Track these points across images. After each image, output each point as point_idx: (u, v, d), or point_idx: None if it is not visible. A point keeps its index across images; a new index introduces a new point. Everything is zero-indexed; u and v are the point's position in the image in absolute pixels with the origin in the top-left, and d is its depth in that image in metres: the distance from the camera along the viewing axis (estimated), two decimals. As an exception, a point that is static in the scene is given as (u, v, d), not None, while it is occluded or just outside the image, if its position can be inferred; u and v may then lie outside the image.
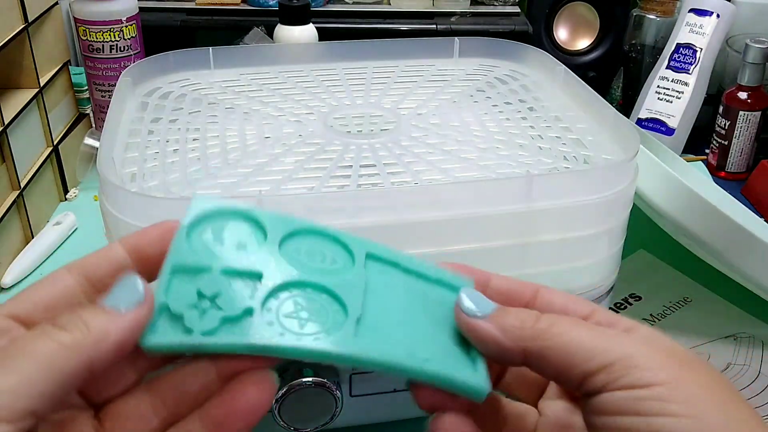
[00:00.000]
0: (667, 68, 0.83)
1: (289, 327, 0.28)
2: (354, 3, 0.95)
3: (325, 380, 0.41)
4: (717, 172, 0.82)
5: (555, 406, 0.32)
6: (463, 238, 0.41)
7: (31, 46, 0.67)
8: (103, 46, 0.75)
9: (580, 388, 0.27)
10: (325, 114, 0.52)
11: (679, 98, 0.82)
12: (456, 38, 0.61)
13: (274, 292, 0.29)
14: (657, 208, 0.51)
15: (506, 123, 0.52)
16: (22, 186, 0.64)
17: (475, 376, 0.29)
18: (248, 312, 0.28)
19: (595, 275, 0.45)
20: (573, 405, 0.31)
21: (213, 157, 0.47)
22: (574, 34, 0.94)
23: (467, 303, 0.29)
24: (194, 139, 0.49)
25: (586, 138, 0.49)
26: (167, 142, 0.48)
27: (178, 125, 0.50)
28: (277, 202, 0.39)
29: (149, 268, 0.29)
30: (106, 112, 0.48)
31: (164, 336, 0.27)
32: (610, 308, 0.56)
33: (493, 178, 0.44)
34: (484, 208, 0.41)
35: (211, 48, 0.56)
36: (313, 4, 0.94)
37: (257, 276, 0.29)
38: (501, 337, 0.28)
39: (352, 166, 0.46)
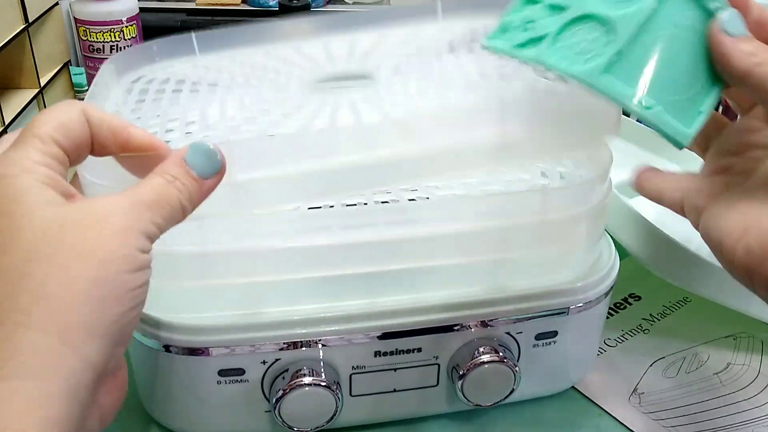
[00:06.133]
0: (667, 68, 0.83)
1: (565, 53, 0.34)
2: (354, 3, 0.95)
3: (325, 380, 0.41)
4: (717, 172, 0.82)
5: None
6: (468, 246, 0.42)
7: (31, 47, 0.67)
8: (103, 46, 0.75)
9: None
10: (308, 77, 0.51)
11: (679, 98, 0.82)
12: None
13: (568, 25, 0.35)
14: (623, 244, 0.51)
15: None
16: (22, 186, 0.64)
17: (683, 130, 0.33)
18: (544, 36, 0.35)
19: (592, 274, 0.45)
20: None
21: (195, 132, 0.45)
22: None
23: (725, 18, 0.33)
24: (188, 120, 0.46)
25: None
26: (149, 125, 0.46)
27: (162, 106, 0.47)
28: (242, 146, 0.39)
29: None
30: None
31: (494, 41, 0.37)
32: (610, 308, 0.56)
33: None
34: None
35: (193, 33, 0.55)
36: (313, 4, 0.95)
37: (562, 8, 0.35)
38: (733, 56, 0.32)
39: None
